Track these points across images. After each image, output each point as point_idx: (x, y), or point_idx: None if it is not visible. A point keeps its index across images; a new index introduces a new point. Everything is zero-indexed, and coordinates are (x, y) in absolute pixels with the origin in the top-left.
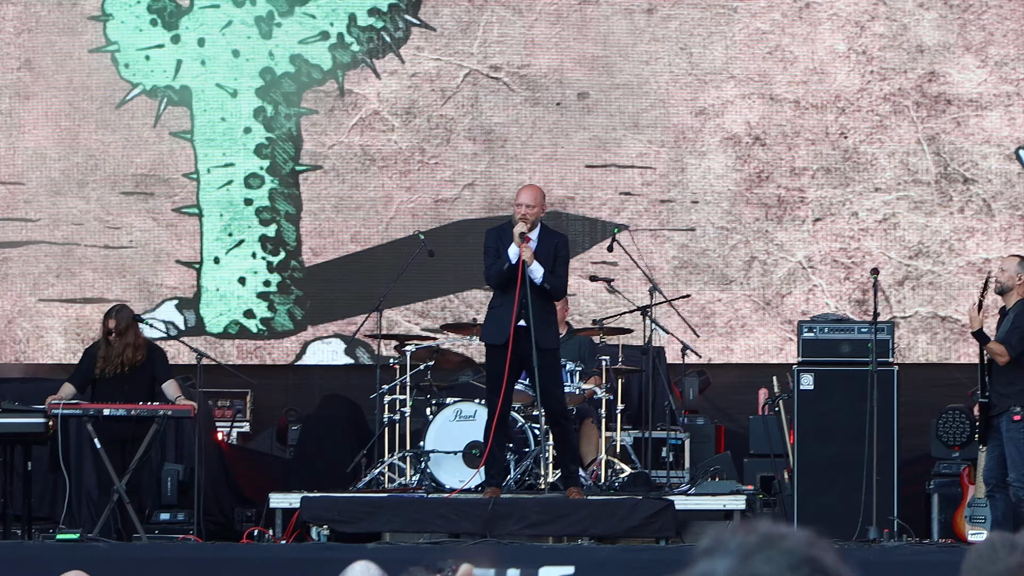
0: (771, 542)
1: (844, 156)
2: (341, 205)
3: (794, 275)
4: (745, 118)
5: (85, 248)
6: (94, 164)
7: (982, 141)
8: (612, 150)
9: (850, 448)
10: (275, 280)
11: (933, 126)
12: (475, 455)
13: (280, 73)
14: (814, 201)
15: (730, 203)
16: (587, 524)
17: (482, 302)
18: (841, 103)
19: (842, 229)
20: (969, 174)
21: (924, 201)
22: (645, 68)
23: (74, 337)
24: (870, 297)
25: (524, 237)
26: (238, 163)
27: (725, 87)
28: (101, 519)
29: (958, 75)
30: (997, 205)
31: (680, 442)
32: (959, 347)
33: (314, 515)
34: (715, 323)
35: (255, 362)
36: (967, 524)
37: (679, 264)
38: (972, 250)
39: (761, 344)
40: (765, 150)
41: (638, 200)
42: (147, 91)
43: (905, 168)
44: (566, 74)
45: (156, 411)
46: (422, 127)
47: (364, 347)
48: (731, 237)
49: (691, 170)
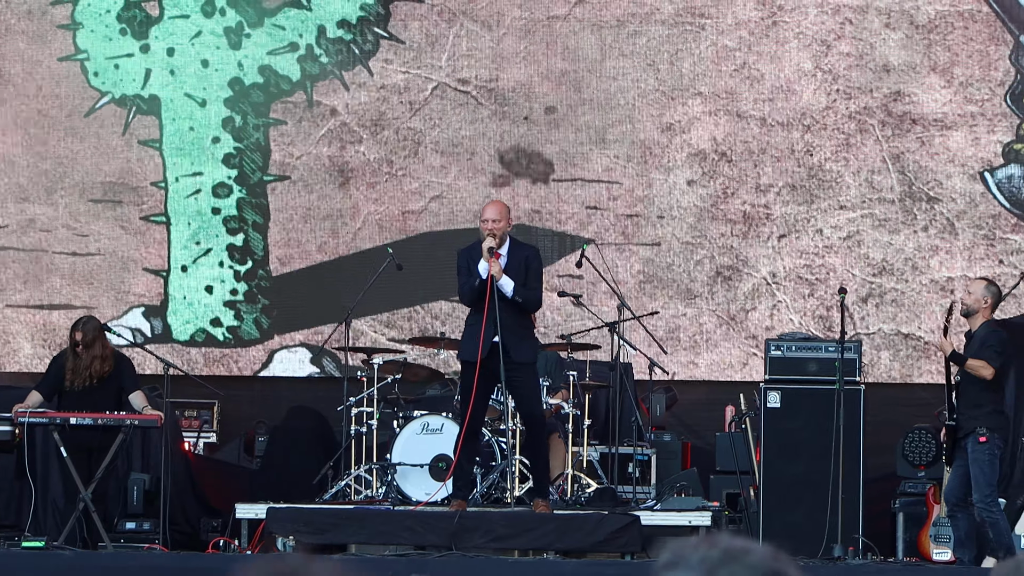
0: (734, 557)
1: (809, 173)
2: (309, 215)
3: (759, 291)
4: (711, 134)
5: (53, 255)
6: (63, 172)
7: (947, 161)
8: (579, 164)
9: (816, 466)
10: (242, 289)
11: (898, 145)
12: (442, 468)
13: (249, 83)
14: (779, 217)
15: (696, 218)
16: (553, 538)
17: (448, 313)
18: (807, 121)
19: (807, 246)
20: (933, 193)
21: (888, 219)
22: (612, 84)
23: (41, 343)
24: (834, 314)
25: (493, 252)
26: (206, 172)
27: (692, 103)
28: (67, 527)
29: (923, 95)
30: (961, 224)
31: (647, 458)
32: (921, 364)
33: (280, 526)
34: (680, 337)
35: (222, 371)
36: (932, 543)
37: (644, 278)
38: (936, 268)
39: (725, 359)
40: (731, 166)
41: (604, 214)
42: (116, 100)
43: (870, 186)
44: (534, 88)
45: (123, 420)
46: (390, 139)
47: (330, 357)
48: (696, 252)
49: (657, 185)
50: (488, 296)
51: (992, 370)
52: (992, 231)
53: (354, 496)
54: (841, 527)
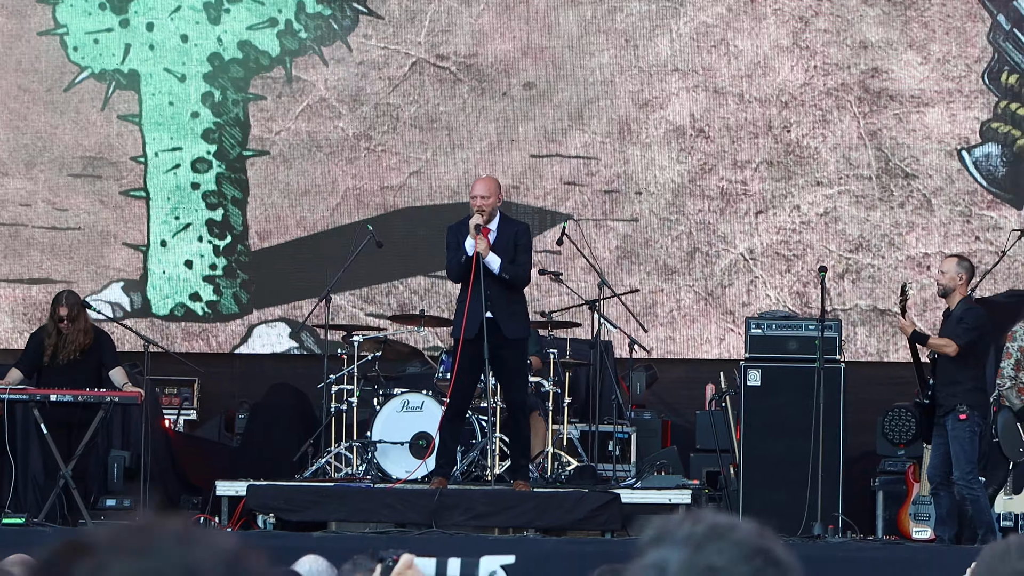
0: (720, 533)
1: (787, 150)
2: (288, 190)
3: (736, 267)
4: (689, 111)
5: (32, 229)
6: (42, 146)
7: (923, 137)
8: (557, 140)
9: (796, 444)
10: (221, 264)
11: (875, 121)
12: (422, 446)
13: (228, 59)
14: (756, 194)
15: (673, 194)
16: (533, 516)
17: (426, 289)
18: (784, 97)
19: (784, 222)
20: (910, 169)
21: (865, 196)
22: (591, 60)
23: (21, 317)
24: (811, 290)
25: (480, 229)
26: (186, 147)
27: (670, 80)
28: (47, 504)
29: (900, 71)
30: (937, 201)
31: (627, 436)
32: (898, 340)
33: (260, 503)
34: (657, 313)
35: (201, 345)
36: (912, 521)
37: (622, 254)
38: (912, 244)
39: (702, 334)
40: (709, 143)
41: (582, 190)
42: (95, 74)
43: (847, 162)
44: (512, 64)
45: (103, 397)
46: (369, 115)
47: (309, 331)
48: (674, 228)
49: (635, 161)
50: (474, 273)
51: (955, 347)
52: (968, 207)
53: (334, 474)
54: (821, 505)
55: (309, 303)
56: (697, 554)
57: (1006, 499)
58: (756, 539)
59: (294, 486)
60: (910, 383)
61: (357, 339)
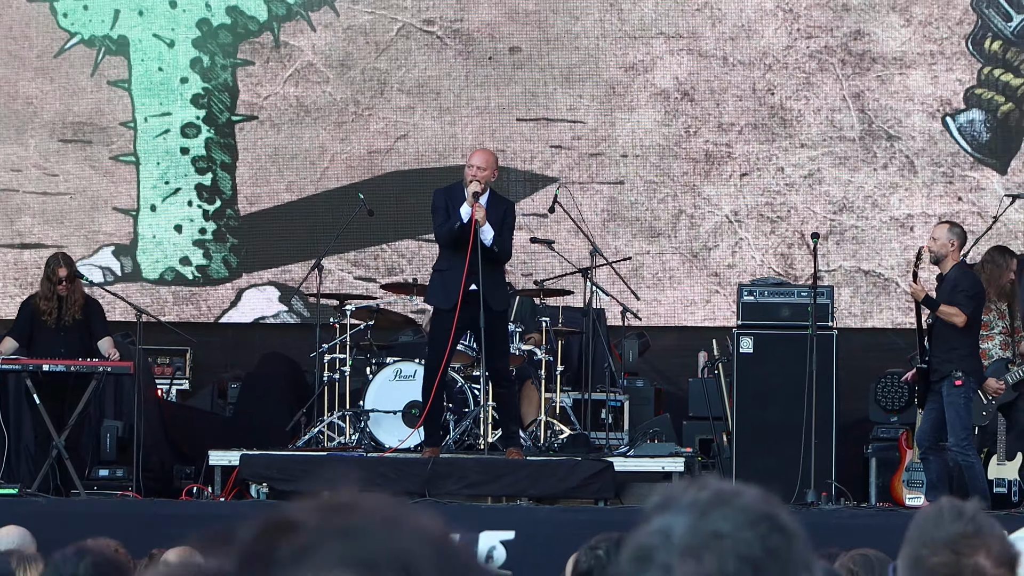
0: (726, 499)
1: (771, 112)
2: (276, 155)
3: (721, 228)
4: (674, 74)
5: (24, 194)
6: (32, 112)
7: (905, 99)
8: (543, 104)
9: (789, 412)
10: (211, 228)
11: (858, 84)
12: (414, 415)
13: (216, 24)
14: (741, 156)
15: (658, 157)
16: (526, 485)
17: (414, 252)
18: (768, 60)
19: (768, 184)
20: (893, 131)
21: (849, 157)
22: (576, 24)
23: (12, 282)
24: (795, 251)
25: (477, 197)
26: (175, 112)
27: (654, 43)
28: (40, 474)
29: (882, 34)
30: (920, 162)
31: (619, 404)
32: (881, 301)
33: (253, 472)
34: (643, 275)
35: (192, 309)
36: (904, 488)
37: (608, 217)
38: (895, 206)
39: (688, 296)
40: (693, 105)
41: (568, 153)
42: (85, 41)
43: (830, 124)
44: (498, 28)
45: (95, 367)
46: (356, 79)
47: (300, 296)
48: (659, 191)
49: (620, 124)
50: (472, 241)
51: (964, 317)
52: (951, 169)
53: (327, 443)
54: (814, 472)
55: (298, 267)
56: (702, 520)
57: (999, 465)
58: (761, 505)
59: (287, 455)
60: (902, 349)
61: (350, 308)
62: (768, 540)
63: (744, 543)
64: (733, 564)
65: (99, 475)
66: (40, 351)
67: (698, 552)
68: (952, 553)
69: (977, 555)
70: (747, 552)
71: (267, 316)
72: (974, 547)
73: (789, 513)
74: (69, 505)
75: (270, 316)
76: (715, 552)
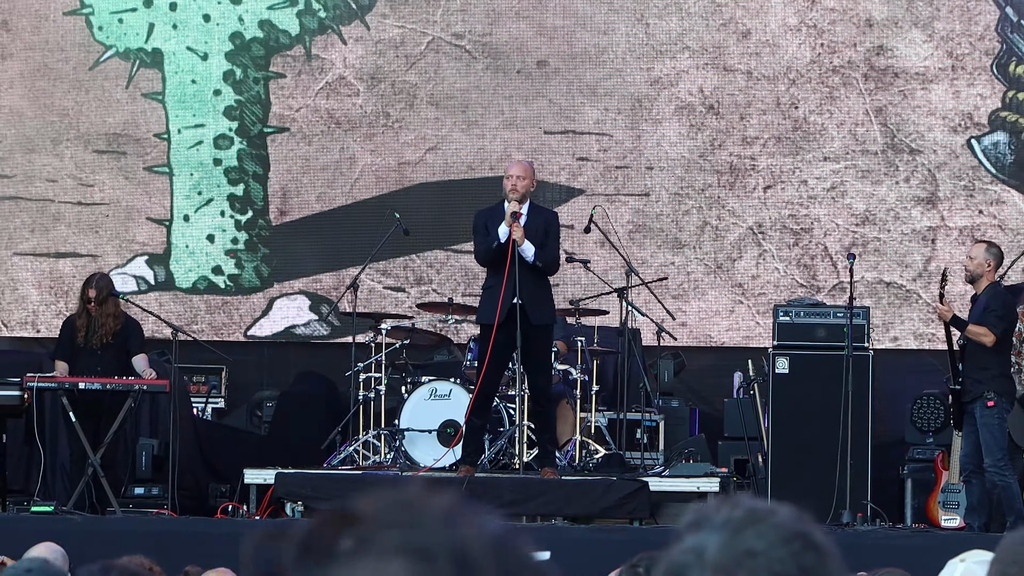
0: (760, 517)
1: (794, 126)
2: (307, 167)
3: (744, 240)
4: (699, 87)
5: (59, 204)
6: (68, 123)
7: (927, 113)
8: (570, 117)
9: (824, 432)
10: (243, 238)
11: (881, 98)
12: (450, 434)
13: (249, 38)
14: (765, 169)
15: (684, 170)
16: (561, 504)
17: (442, 262)
18: (792, 75)
19: (792, 196)
20: (915, 145)
21: (871, 170)
22: (603, 38)
23: (47, 291)
24: (817, 263)
25: (516, 216)
26: (208, 124)
27: (680, 57)
28: (75, 492)
29: (905, 49)
30: (941, 175)
31: (655, 424)
32: (903, 312)
33: (288, 491)
34: (668, 285)
35: (223, 318)
36: (940, 509)
37: (633, 228)
38: (917, 218)
39: (712, 307)
40: (718, 119)
41: (595, 165)
42: (120, 53)
43: (853, 138)
44: (526, 43)
45: (131, 385)
46: (386, 92)
47: (328, 304)
48: (684, 203)
49: (646, 137)
50: (509, 261)
51: (993, 337)
52: (972, 182)
53: (362, 462)
54: (849, 493)
55: (328, 277)
56: (736, 538)
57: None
58: (795, 523)
59: (322, 474)
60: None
61: (385, 327)
62: (801, 558)
63: (778, 561)
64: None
65: (134, 493)
66: (78, 369)
67: (731, 570)
68: None
69: None
70: (781, 570)
71: (298, 324)
72: None
73: (822, 531)
74: (104, 523)
75: (301, 325)
76: (748, 570)
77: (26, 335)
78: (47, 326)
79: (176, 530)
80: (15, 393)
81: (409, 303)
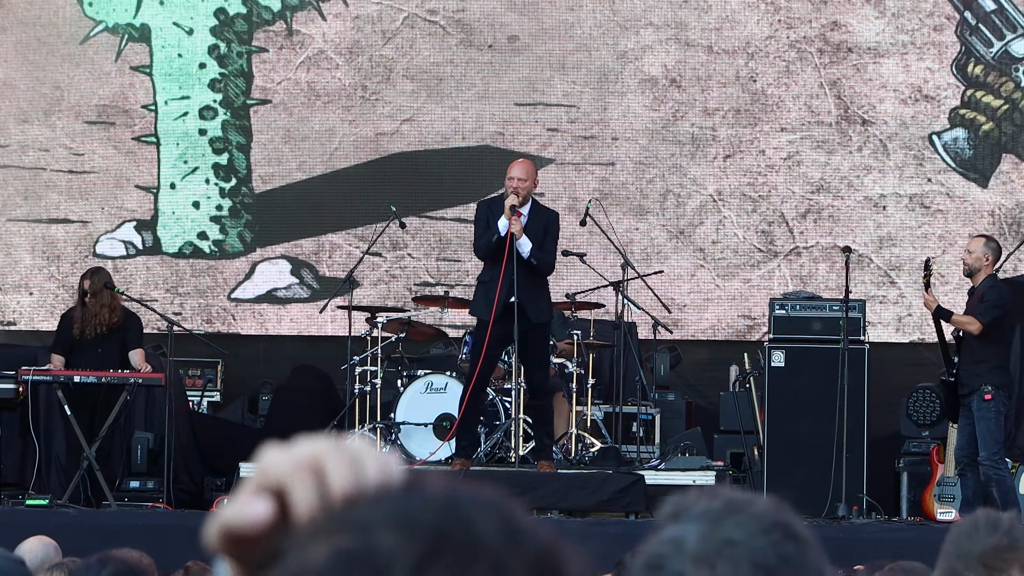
0: (738, 508)
1: (753, 98)
2: (288, 137)
3: (705, 207)
4: (662, 62)
5: (51, 172)
6: (60, 95)
7: (879, 86)
8: (540, 90)
9: (820, 425)
10: (227, 205)
11: (835, 72)
12: (445, 427)
13: (233, 13)
14: (725, 139)
15: (647, 140)
16: (557, 497)
17: (418, 228)
18: (751, 49)
19: (750, 165)
20: (867, 116)
21: (826, 141)
22: (571, 14)
23: (40, 255)
24: (775, 228)
25: (515, 210)
26: (193, 96)
27: (644, 33)
28: (71, 485)
29: (858, 25)
30: (892, 145)
31: (650, 417)
32: (855, 275)
33: None
34: (632, 251)
35: (208, 281)
36: (936, 502)
37: (599, 196)
38: (869, 186)
39: (674, 270)
40: (680, 91)
41: (563, 136)
42: (109, 28)
43: (809, 110)
44: (497, 19)
45: (127, 379)
46: (364, 66)
47: (309, 268)
48: (648, 171)
49: (612, 109)
50: (507, 255)
51: (978, 324)
52: (921, 152)
53: None
54: (845, 486)
55: (308, 242)
56: (715, 529)
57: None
58: (774, 513)
59: None
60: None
61: (381, 320)
62: (781, 547)
63: (758, 550)
64: (747, 571)
65: (130, 487)
66: (75, 363)
67: (711, 560)
68: (986, 567)
69: (1011, 568)
70: (761, 559)
71: (279, 288)
72: (1008, 560)
73: (802, 521)
74: (99, 517)
75: (282, 288)
76: (728, 560)
77: (23, 328)
78: (38, 290)
79: (171, 524)
80: (10, 386)
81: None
